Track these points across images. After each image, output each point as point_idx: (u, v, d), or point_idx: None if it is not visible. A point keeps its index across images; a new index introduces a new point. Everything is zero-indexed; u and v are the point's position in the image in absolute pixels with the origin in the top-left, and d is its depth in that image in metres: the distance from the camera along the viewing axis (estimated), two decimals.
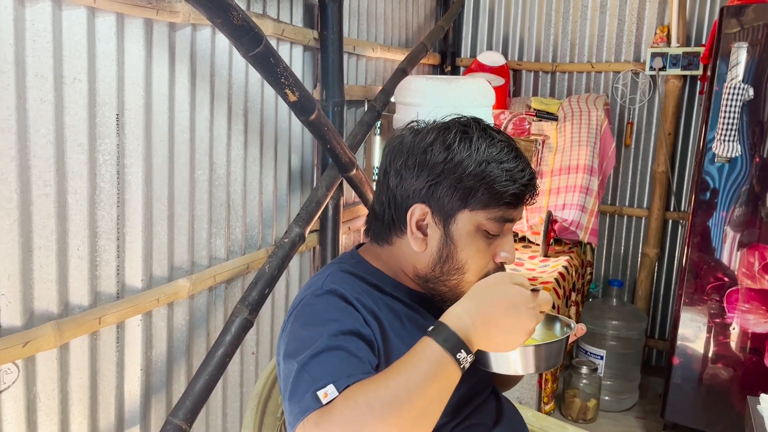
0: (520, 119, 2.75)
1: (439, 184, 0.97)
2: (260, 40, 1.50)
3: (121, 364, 1.47)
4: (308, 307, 0.95)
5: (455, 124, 1.01)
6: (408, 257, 1.03)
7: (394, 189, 1.01)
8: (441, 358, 0.82)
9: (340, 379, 0.81)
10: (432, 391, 0.80)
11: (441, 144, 0.98)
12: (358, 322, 0.93)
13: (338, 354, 0.85)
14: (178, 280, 1.59)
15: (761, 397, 1.26)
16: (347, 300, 0.95)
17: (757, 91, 2.23)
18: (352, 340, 0.89)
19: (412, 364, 0.81)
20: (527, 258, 2.80)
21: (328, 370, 0.83)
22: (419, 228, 0.99)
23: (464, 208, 0.97)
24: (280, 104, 1.94)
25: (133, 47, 1.40)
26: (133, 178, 1.44)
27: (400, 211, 1.01)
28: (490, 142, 0.98)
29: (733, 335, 2.36)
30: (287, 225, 2.02)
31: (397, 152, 1.02)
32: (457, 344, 0.83)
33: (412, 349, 0.84)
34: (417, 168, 0.98)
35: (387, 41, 2.66)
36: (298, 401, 0.82)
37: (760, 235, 2.29)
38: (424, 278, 1.02)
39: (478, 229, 0.98)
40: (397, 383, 0.79)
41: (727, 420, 2.39)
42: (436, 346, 0.83)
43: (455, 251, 0.98)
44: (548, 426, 1.32)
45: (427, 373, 0.80)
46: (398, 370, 0.81)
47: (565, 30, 3.25)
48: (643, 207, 3.25)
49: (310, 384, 0.82)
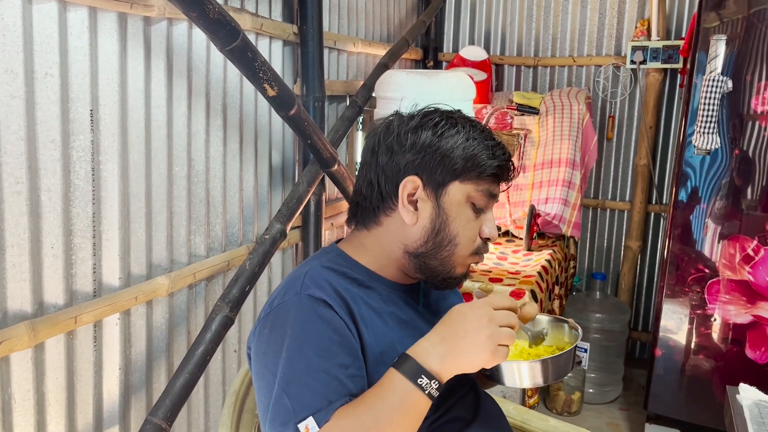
0: (502, 113, 2.75)
1: (431, 156, 1.00)
2: (237, 35, 1.48)
3: (98, 364, 1.45)
4: (287, 316, 0.94)
5: (439, 110, 1.06)
6: (398, 236, 1.03)
7: (384, 165, 1.03)
8: (404, 387, 0.86)
9: (320, 410, 0.84)
10: (400, 421, 0.85)
11: (429, 122, 1.03)
12: (337, 330, 0.92)
13: (318, 376, 0.87)
14: (156, 278, 1.57)
15: (740, 386, 1.27)
16: (327, 304, 0.94)
17: (736, 83, 2.24)
18: (331, 354, 0.90)
19: (380, 397, 0.86)
20: (511, 252, 2.80)
21: (307, 398, 0.86)
22: (410, 201, 1.02)
23: (455, 179, 1.01)
24: (260, 100, 1.92)
25: (107, 42, 1.38)
26: (109, 175, 1.42)
27: (391, 186, 1.02)
28: (472, 124, 1.04)
29: (715, 326, 2.38)
30: (268, 221, 2.00)
31: (386, 131, 1.05)
32: (417, 371, 0.86)
33: (381, 381, 0.88)
34: (408, 143, 1.02)
35: (368, 36, 2.65)
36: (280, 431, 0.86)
37: (740, 227, 2.31)
38: (415, 254, 1.03)
39: (467, 201, 1.02)
40: (367, 417, 0.84)
41: (710, 410, 2.41)
42: (399, 376, 0.86)
43: (447, 222, 1.01)
44: (529, 419, 1.32)
45: (392, 404, 0.85)
46: (368, 403, 0.85)
47: (546, 24, 3.26)
48: (625, 200, 3.27)
49: (290, 414, 0.86)
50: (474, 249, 1.03)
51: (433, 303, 1.12)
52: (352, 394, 0.88)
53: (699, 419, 2.45)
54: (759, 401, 1.21)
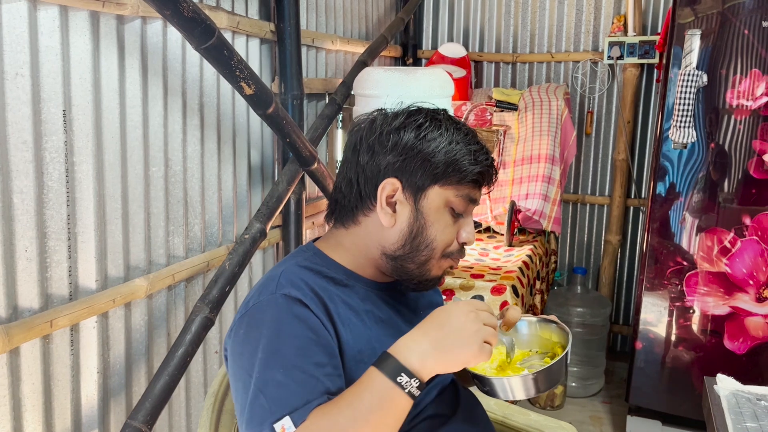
0: (482, 110, 2.76)
1: (411, 159, 0.99)
2: (212, 33, 1.47)
3: (76, 368, 1.43)
4: (262, 315, 0.93)
5: (424, 109, 1.05)
6: (375, 236, 1.03)
7: (365, 164, 1.02)
8: (383, 385, 0.84)
9: (297, 409, 0.83)
10: (379, 421, 0.84)
11: (413, 124, 1.01)
12: (315, 328, 0.92)
13: (294, 375, 0.86)
14: (134, 279, 1.55)
15: (718, 377, 1.29)
16: (303, 303, 0.93)
17: (711, 77, 2.27)
18: (308, 353, 0.89)
19: (358, 396, 0.84)
20: (492, 248, 2.81)
21: (284, 398, 0.85)
22: (389, 204, 1.01)
23: (435, 183, 1.00)
24: (237, 98, 1.90)
25: (79, 41, 1.36)
26: (84, 176, 1.40)
27: (370, 187, 1.01)
28: (456, 127, 1.03)
29: (694, 318, 2.41)
30: (248, 221, 1.99)
31: (369, 130, 1.03)
32: (397, 369, 0.85)
33: (360, 380, 0.86)
34: (390, 144, 1.00)
35: (347, 33, 2.64)
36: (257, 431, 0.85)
37: (717, 220, 2.33)
38: (392, 256, 1.02)
39: (446, 206, 1.01)
40: (345, 417, 0.83)
41: (690, 401, 2.44)
42: (378, 374, 0.85)
43: (425, 226, 1.00)
44: (511, 413, 1.33)
45: (371, 403, 0.83)
46: (347, 402, 0.84)
47: (524, 21, 3.27)
48: (604, 195, 3.29)
49: (266, 414, 0.84)
50: (449, 253, 1.03)
51: (412, 300, 1.12)
52: (330, 392, 0.87)
53: (679, 410, 2.48)
54: (736, 391, 1.23)
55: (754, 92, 2.22)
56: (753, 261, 2.27)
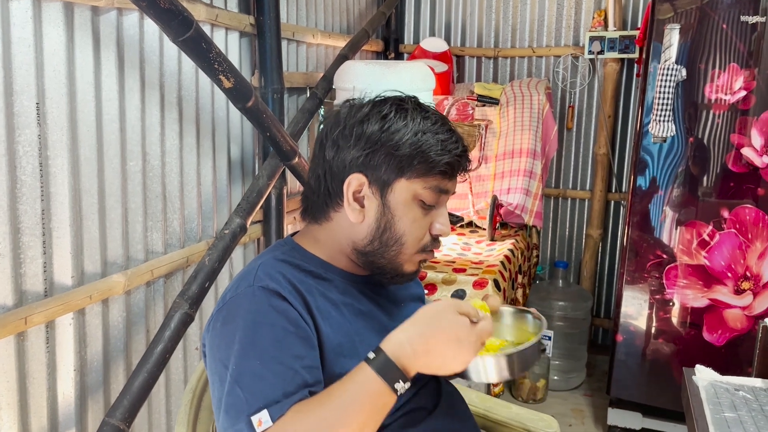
0: (463, 104, 2.76)
1: (375, 153, 0.96)
2: (190, 25, 1.45)
3: (52, 365, 1.40)
4: (239, 308, 0.92)
5: (391, 98, 1.02)
6: (346, 232, 1.01)
7: (331, 160, 1.00)
8: (380, 389, 0.83)
9: (275, 402, 0.82)
10: (368, 421, 0.82)
11: (377, 115, 0.98)
12: (293, 320, 0.90)
13: (272, 367, 0.85)
14: (112, 275, 1.53)
15: (696, 368, 1.29)
16: (281, 296, 0.92)
17: (690, 72, 2.29)
18: (286, 345, 0.87)
19: (349, 395, 0.82)
20: (474, 242, 2.82)
21: (261, 389, 0.83)
22: (356, 199, 0.98)
23: (401, 176, 0.97)
24: (217, 92, 1.88)
25: (53, 32, 1.33)
26: (59, 171, 1.37)
27: (337, 183, 0.99)
28: (425, 115, 0.99)
29: (673, 311, 2.43)
30: (228, 216, 1.97)
31: (334, 124, 1.01)
32: (397, 375, 0.83)
33: (352, 376, 0.84)
34: (354, 137, 0.97)
35: (328, 27, 2.62)
36: (232, 423, 0.83)
37: (696, 213, 2.35)
38: (362, 252, 1.01)
39: (414, 199, 0.98)
40: (332, 415, 0.80)
41: (669, 393, 2.46)
42: (376, 378, 0.83)
43: (393, 221, 0.98)
44: (492, 406, 1.33)
45: (363, 404, 0.82)
46: (335, 399, 0.82)
47: (506, 15, 3.27)
48: (585, 189, 3.31)
49: (243, 406, 0.82)
50: (421, 247, 1.01)
51: (392, 292, 1.11)
52: (308, 384, 0.86)
53: (660, 402, 2.50)
54: (715, 382, 1.24)
55: (732, 86, 2.24)
56: (731, 254, 2.30)
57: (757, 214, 2.26)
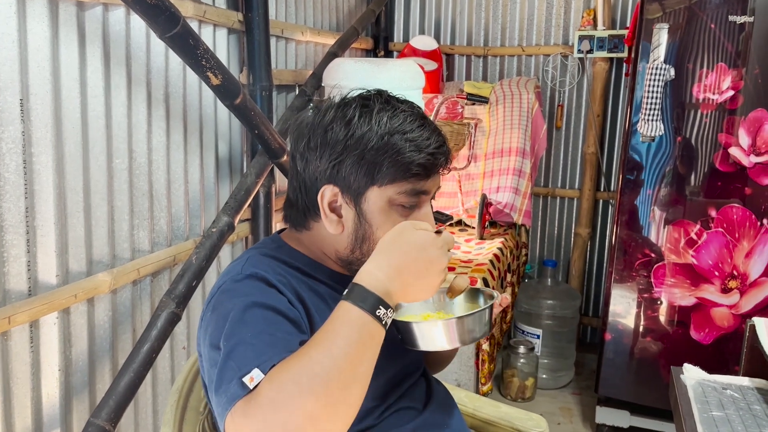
0: (453, 103, 2.75)
1: (342, 163, 0.93)
2: (177, 21, 1.43)
3: (36, 365, 1.38)
4: (229, 294, 0.90)
5: (356, 98, 0.97)
6: (328, 241, 1.00)
7: (303, 173, 0.97)
8: (361, 319, 0.79)
9: (266, 361, 0.78)
10: (357, 355, 0.77)
11: (341, 120, 0.94)
12: (283, 304, 0.88)
13: (263, 338, 0.81)
14: (97, 274, 1.51)
15: (684, 366, 1.30)
16: (270, 283, 0.90)
17: (678, 72, 2.29)
18: (276, 322, 0.85)
19: (333, 331, 0.78)
20: (463, 241, 2.81)
21: (253, 355, 0.79)
22: (333, 210, 0.96)
23: (372, 184, 0.93)
24: (204, 89, 1.87)
25: (37, 27, 1.31)
26: (43, 168, 1.35)
27: (311, 195, 0.97)
28: (392, 114, 0.94)
29: (661, 309, 2.44)
30: (216, 214, 1.95)
31: (300, 134, 0.98)
32: (375, 301, 0.80)
33: (331, 316, 0.81)
34: (319, 148, 0.94)
35: (317, 25, 2.61)
36: (225, 391, 0.78)
37: (684, 212, 2.36)
38: (346, 261, 0.99)
39: (391, 205, 0.94)
40: (320, 354, 0.76)
41: (657, 391, 2.47)
42: (354, 308, 0.80)
43: (371, 230, 0.95)
44: (481, 406, 1.33)
45: (349, 337, 0.77)
46: (320, 340, 0.78)
47: (495, 14, 3.27)
48: (574, 188, 3.32)
49: (235, 371, 0.78)
50: None
51: None
52: None
53: (647, 400, 2.51)
54: (702, 380, 1.24)
55: (720, 86, 2.25)
56: (718, 253, 2.31)
57: (744, 214, 2.27)
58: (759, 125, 2.22)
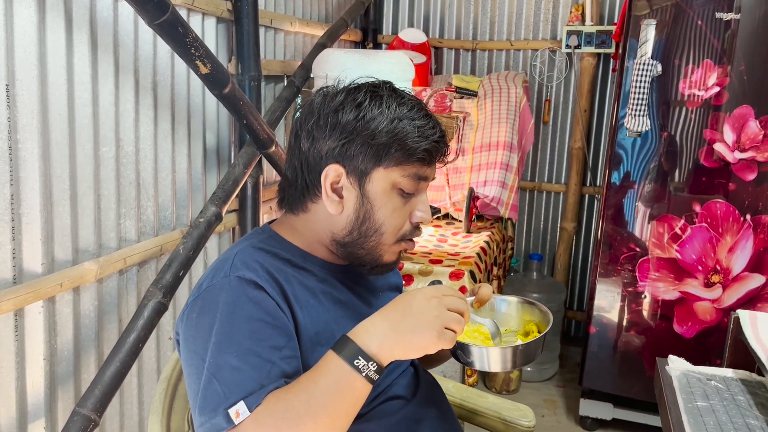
0: (441, 96, 2.75)
1: (352, 143, 0.94)
2: (166, 8, 1.42)
3: (21, 354, 1.37)
4: (216, 299, 0.90)
5: (365, 85, 1.00)
6: (324, 223, 1.00)
7: (306, 152, 0.98)
8: (339, 369, 0.82)
9: (251, 394, 0.81)
10: (337, 407, 0.81)
11: (352, 103, 0.96)
12: (270, 309, 0.89)
13: (249, 359, 0.83)
14: (83, 263, 1.50)
15: (669, 358, 1.31)
16: (258, 285, 0.90)
17: (665, 68, 2.31)
18: (263, 337, 0.86)
19: (314, 380, 0.82)
20: (450, 234, 2.82)
21: (238, 382, 0.82)
22: (334, 190, 0.97)
23: (378, 165, 0.95)
24: (193, 78, 1.85)
25: (24, 12, 1.29)
26: (28, 155, 1.33)
27: (314, 174, 0.97)
28: (400, 101, 0.97)
29: (645, 303, 2.46)
30: (203, 204, 1.94)
31: (308, 114, 0.98)
32: (355, 352, 0.82)
33: (317, 364, 0.84)
34: (329, 128, 0.95)
35: (306, 15, 2.59)
36: (210, 418, 0.82)
37: (668, 207, 2.39)
38: (341, 243, 0.99)
39: (393, 187, 0.96)
40: (301, 401, 0.80)
41: (640, 384, 2.50)
42: (335, 357, 0.83)
43: (372, 211, 0.96)
44: (469, 396, 1.33)
45: (329, 389, 0.81)
46: (302, 387, 0.81)
47: (484, 8, 3.27)
48: (561, 182, 3.34)
49: (221, 399, 0.81)
50: (401, 236, 0.99)
51: (371, 282, 1.10)
52: (287, 375, 0.85)
53: (631, 392, 2.54)
54: (687, 371, 1.25)
55: (705, 82, 2.28)
56: (702, 247, 2.34)
57: (727, 209, 2.30)
58: (743, 122, 2.25)
